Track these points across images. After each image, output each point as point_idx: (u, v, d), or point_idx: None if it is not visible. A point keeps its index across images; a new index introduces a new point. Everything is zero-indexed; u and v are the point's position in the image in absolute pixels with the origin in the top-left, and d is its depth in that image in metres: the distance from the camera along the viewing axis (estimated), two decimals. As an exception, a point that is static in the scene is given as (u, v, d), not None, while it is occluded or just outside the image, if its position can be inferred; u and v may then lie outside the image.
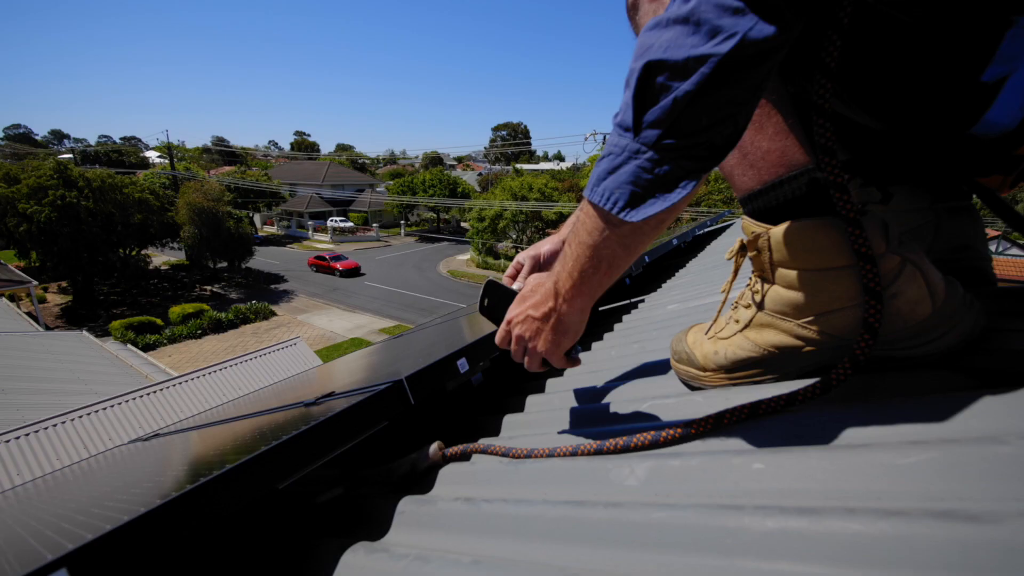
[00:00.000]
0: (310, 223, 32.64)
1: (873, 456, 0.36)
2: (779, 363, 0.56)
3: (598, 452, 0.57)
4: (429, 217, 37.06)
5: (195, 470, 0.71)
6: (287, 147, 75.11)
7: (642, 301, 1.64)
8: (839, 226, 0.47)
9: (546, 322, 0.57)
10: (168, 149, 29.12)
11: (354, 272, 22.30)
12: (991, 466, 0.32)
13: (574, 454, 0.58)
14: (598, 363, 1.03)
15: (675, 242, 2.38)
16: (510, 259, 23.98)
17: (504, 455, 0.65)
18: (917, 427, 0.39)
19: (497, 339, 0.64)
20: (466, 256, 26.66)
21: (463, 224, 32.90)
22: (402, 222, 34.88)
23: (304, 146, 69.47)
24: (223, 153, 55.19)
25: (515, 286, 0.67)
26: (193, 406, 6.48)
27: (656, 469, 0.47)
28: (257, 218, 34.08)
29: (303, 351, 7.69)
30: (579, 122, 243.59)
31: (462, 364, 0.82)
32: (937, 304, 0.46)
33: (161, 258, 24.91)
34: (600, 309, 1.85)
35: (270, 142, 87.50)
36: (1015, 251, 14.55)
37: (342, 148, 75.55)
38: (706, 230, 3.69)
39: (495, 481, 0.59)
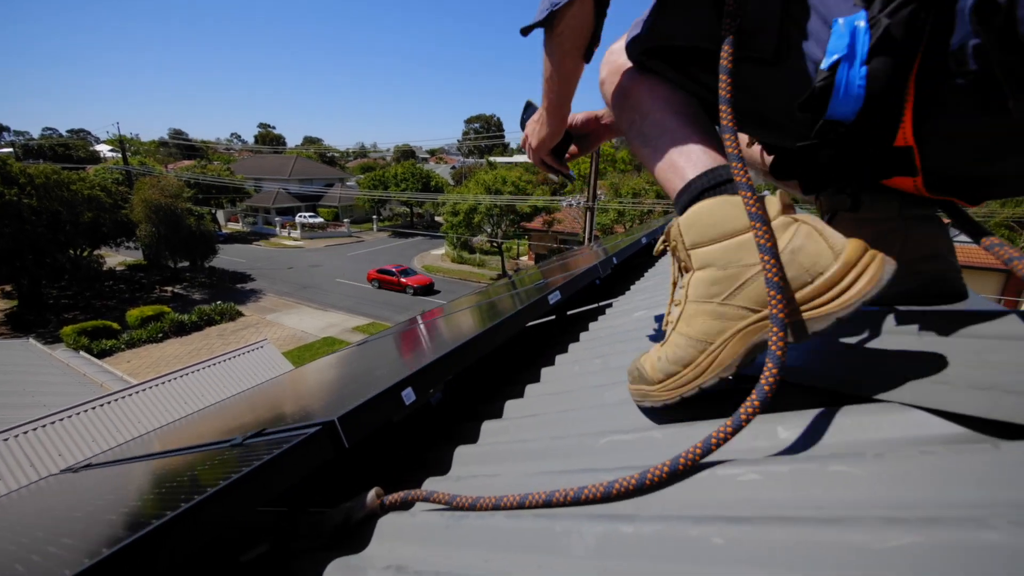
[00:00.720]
0: (277, 219, 31.53)
1: (844, 536, 0.31)
2: (714, 352, 0.54)
3: (547, 504, 0.51)
4: (402, 212, 36.37)
5: (104, 532, 0.62)
6: (251, 140, 72.11)
7: (609, 306, 1.59)
8: (735, 200, 0.52)
9: (537, 122, 0.84)
10: (120, 142, 27.47)
11: (428, 290, 18.80)
12: (979, 559, 0.27)
13: (521, 505, 0.52)
14: (559, 381, 0.97)
15: (644, 240, 2.35)
16: (486, 253, 23.77)
17: (448, 504, 0.58)
18: (894, 497, 0.34)
19: (522, 140, 0.92)
20: (441, 251, 26.35)
21: (437, 218, 32.45)
22: (374, 217, 34.12)
23: (269, 139, 66.80)
24: (182, 147, 52.56)
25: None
26: (151, 417, 6.15)
27: (607, 537, 0.41)
28: (220, 215, 32.69)
29: (270, 354, 7.41)
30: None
31: (408, 395, 0.75)
32: (838, 254, 0.47)
33: (116, 258, 23.61)
34: (568, 313, 1.80)
35: (232, 135, 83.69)
36: (961, 237, 15.39)
37: (310, 141, 73.09)
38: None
39: (435, 539, 0.53)
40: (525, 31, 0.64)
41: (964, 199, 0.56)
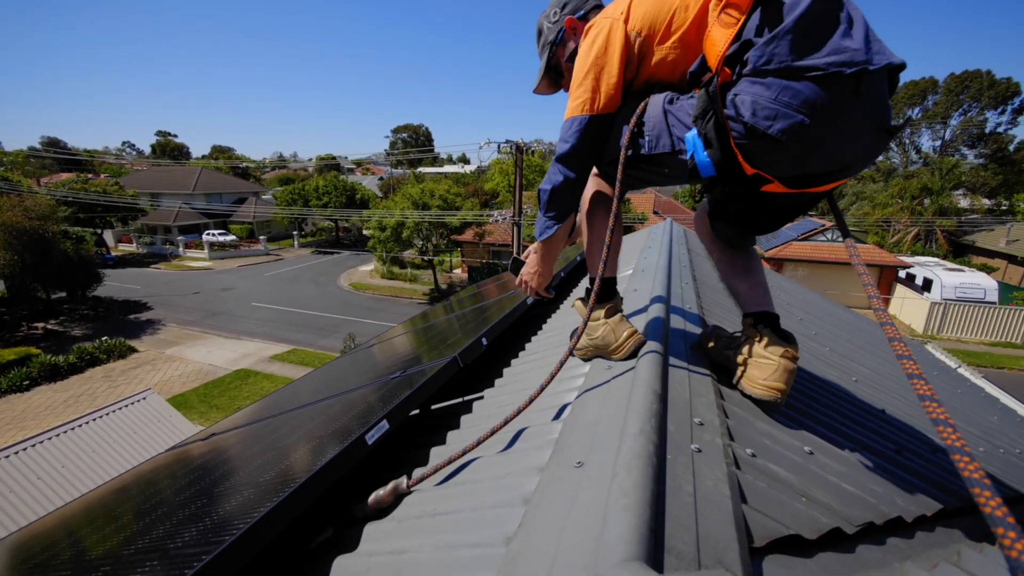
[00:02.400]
0: (180, 239, 28.39)
1: None
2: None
3: None
4: (327, 227, 34.39)
5: None
6: (147, 150, 64.64)
7: (480, 398, 1.45)
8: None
9: (535, 273, 1.32)
10: (-30, 154, 23.17)
11: None
12: None
13: None
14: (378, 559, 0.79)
15: (529, 301, 2.25)
16: (418, 267, 23.04)
17: None
18: None
19: (516, 282, 1.37)
20: (370, 267, 25.22)
21: (366, 232, 31.07)
22: (295, 233, 31.93)
23: (170, 148, 59.94)
24: (60, 159, 45.79)
25: (524, 256, 1.36)
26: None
27: None
28: (109, 235, 28.84)
29: (155, 404, 6.46)
30: (483, 127, 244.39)
31: None
32: (617, 338, 1.19)
33: (-31, 292, 19.82)
34: (433, 408, 1.63)
35: (124, 143, 74.34)
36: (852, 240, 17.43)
37: (219, 151, 66.90)
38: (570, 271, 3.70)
39: None
40: (538, 242, 1.24)
41: (812, 186, 0.88)
